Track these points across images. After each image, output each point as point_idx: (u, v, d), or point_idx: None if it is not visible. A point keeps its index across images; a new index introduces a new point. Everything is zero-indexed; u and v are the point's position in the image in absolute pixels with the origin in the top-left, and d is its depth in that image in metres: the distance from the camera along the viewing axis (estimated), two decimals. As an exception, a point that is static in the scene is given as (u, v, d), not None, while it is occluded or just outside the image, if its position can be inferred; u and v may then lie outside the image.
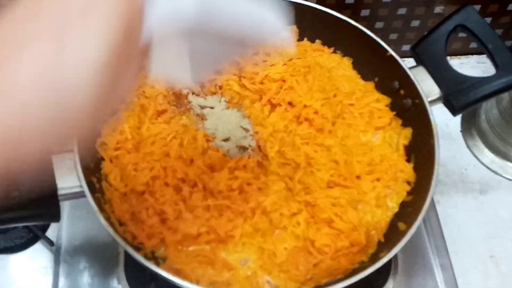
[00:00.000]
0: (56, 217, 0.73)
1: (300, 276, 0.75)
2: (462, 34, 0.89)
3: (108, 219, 0.74)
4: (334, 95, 0.90)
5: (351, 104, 0.90)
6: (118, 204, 0.78)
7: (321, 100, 0.88)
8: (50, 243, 0.92)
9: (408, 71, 0.86)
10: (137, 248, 0.76)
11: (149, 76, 0.83)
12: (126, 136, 0.83)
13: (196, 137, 0.85)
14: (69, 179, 0.74)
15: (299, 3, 0.93)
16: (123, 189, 0.80)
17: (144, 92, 0.89)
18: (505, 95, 1.03)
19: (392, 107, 0.91)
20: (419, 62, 0.88)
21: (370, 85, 0.93)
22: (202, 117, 0.90)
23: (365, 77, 0.95)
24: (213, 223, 0.77)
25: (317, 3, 0.93)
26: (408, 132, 0.88)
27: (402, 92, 0.89)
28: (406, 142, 0.87)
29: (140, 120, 0.86)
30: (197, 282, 0.74)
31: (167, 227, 0.77)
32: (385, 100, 0.91)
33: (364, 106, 0.90)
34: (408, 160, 0.86)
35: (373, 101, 0.90)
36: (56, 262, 0.92)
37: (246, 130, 0.89)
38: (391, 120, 0.89)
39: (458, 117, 1.13)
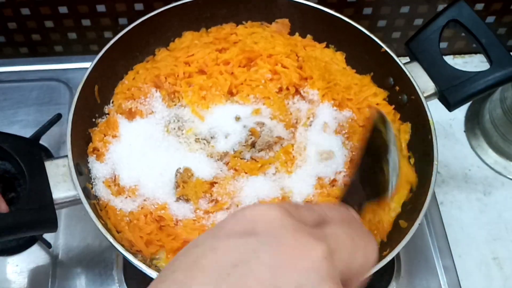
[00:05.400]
0: (53, 226, 0.72)
1: None
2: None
3: (105, 225, 0.72)
4: (335, 84, 0.89)
5: (349, 99, 0.89)
6: (113, 211, 0.77)
7: (323, 89, 0.87)
8: (47, 245, 0.91)
9: (403, 67, 0.85)
10: (137, 255, 0.75)
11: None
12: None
13: None
14: (64, 186, 0.73)
15: (294, 0, 0.91)
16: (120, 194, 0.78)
17: (132, 95, 0.88)
18: (509, 95, 1.02)
19: (389, 103, 0.90)
20: (413, 58, 0.87)
21: (367, 78, 0.92)
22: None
23: (359, 73, 0.93)
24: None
25: (318, 3, 0.92)
26: (407, 127, 0.87)
27: (397, 88, 0.88)
28: (407, 136, 0.86)
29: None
30: None
31: (166, 233, 0.75)
32: (382, 94, 0.90)
33: (362, 100, 0.88)
34: (407, 157, 0.85)
35: (371, 95, 0.89)
36: (54, 264, 0.91)
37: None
38: (393, 115, 0.88)
39: (462, 117, 1.12)
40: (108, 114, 0.86)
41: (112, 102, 0.88)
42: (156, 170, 0.79)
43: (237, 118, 0.85)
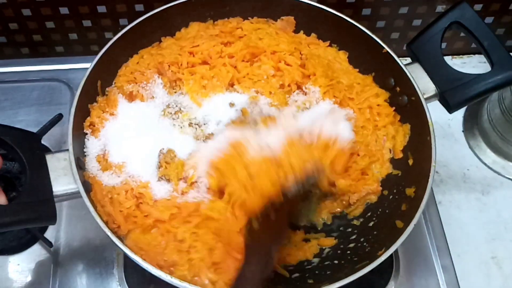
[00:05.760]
0: (52, 219, 0.72)
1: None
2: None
3: (102, 218, 0.73)
4: (337, 82, 0.89)
5: (351, 98, 0.89)
6: (99, 186, 0.77)
7: (325, 86, 0.87)
8: (48, 244, 0.91)
9: (404, 68, 0.86)
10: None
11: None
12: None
13: None
14: (64, 180, 0.73)
15: (297, 0, 0.92)
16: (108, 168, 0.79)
17: (135, 79, 0.88)
18: (507, 95, 1.03)
19: (390, 105, 0.90)
20: (415, 59, 0.87)
21: (369, 79, 0.92)
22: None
23: (361, 73, 0.93)
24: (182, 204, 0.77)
25: (318, 2, 0.93)
26: (406, 128, 0.87)
27: (397, 89, 0.88)
28: (405, 139, 0.87)
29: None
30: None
31: (141, 211, 0.76)
32: (384, 95, 0.90)
33: (364, 101, 0.88)
34: (405, 158, 0.86)
35: (372, 96, 0.89)
36: (55, 263, 0.91)
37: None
38: (393, 117, 0.89)
39: (460, 117, 1.13)
40: (108, 92, 0.87)
41: (114, 83, 0.88)
42: (145, 150, 0.81)
43: (231, 104, 0.86)
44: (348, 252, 0.81)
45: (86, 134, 0.82)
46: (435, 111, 0.84)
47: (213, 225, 0.75)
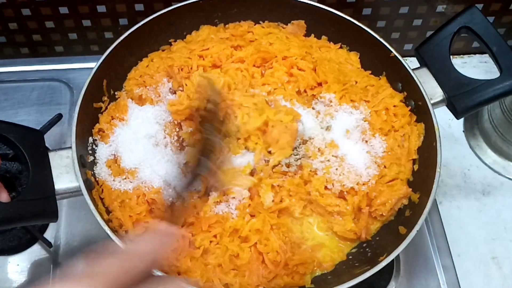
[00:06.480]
0: (54, 216, 0.72)
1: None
2: (464, 33, 0.88)
3: (102, 215, 0.73)
4: (351, 85, 0.88)
5: (367, 101, 0.87)
6: (109, 190, 0.77)
7: (339, 92, 0.86)
8: (48, 244, 0.91)
9: (412, 73, 0.84)
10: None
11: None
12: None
13: None
14: (66, 177, 0.74)
15: (303, 2, 0.92)
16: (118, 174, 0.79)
17: (144, 82, 0.88)
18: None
19: None
20: (423, 63, 0.86)
21: (382, 79, 0.90)
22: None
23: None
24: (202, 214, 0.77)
25: (319, 2, 0.92)
26: (421, 127, 0.85)
27: (404, 93, 0.87)
28: (419, 140, 0.85)
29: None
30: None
31: (154, 216, 0.76)
32: (399, 95, 0.88)
33: (379, 102, 0.86)
34: (411, 163, 0.85)
35: (388, 96, 0.87)
36: (54, 263, 0.91)
37: None
38: (409, 117, 0.86)
39: (461, 117, 1.13)
40: (118, 97, 0.87)
41: (124, 87, 0.89)
42: (158, 155, 0.81)
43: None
44: (350, 257, 0.81)
45: (95, 140, 0.83)
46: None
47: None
